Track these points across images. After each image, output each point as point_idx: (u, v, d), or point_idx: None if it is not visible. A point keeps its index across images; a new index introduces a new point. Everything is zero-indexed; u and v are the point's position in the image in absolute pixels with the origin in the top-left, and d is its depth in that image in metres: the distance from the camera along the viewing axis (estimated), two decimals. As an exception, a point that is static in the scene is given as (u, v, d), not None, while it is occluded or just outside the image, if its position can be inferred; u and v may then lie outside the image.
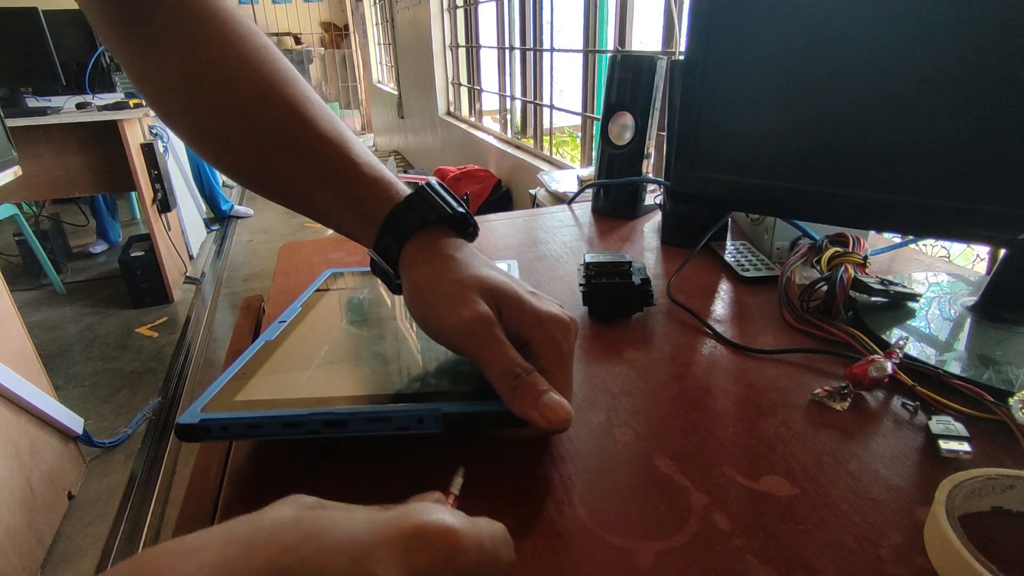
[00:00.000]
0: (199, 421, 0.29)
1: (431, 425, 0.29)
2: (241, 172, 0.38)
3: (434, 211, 0.34)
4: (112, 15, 0.36)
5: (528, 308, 0.31)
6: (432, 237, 0.34)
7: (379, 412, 0.29)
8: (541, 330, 0.30)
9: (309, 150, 0.35)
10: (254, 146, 0.36)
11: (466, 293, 0.30)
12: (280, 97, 0.36)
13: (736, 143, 0.46)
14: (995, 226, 0.36)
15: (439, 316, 0.31)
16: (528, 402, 0.27)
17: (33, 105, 2.45)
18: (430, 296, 0.31)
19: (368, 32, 6.53)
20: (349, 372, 0.34)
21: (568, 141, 3.58)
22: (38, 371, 1.50)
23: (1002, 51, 0.34)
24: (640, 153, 0.70)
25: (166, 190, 2.54)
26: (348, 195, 0.35)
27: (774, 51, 0.42)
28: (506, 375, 0.28)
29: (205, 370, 2.15)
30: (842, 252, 0.47)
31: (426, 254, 0.33)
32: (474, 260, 0.33)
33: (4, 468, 1.22)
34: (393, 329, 0.40)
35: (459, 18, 3.66)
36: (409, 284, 0.33)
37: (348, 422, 0.29)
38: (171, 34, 0.35)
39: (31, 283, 2.88)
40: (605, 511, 0.28)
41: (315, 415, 0.29)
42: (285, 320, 0.40)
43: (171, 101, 0.37)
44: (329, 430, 0.29)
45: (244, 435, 0.30)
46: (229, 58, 0.36)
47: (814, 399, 0.36)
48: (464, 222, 0.35)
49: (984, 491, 0.26)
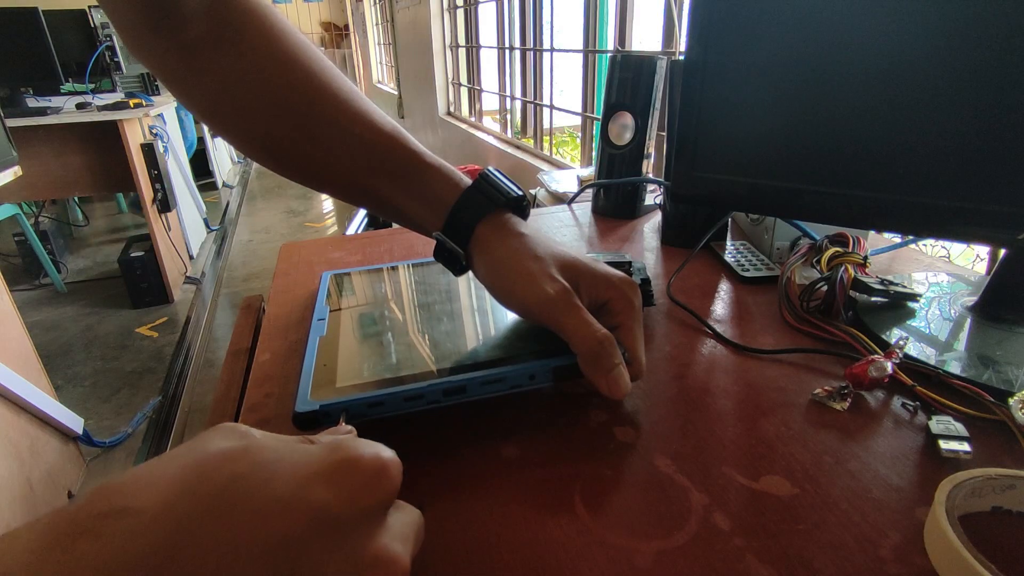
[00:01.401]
0: (319, 407, 0.30)
1: (542, 379, 0.33)
2: (295, 169, 0.39)
3: (501, 194, 0.37)
4: (150, 25, 0.35)
5: (600, 274, 0.35)
6: (501, 218, 0.37)
7: (494, 375, 0.32)
8: (615, 291, 0.35)
9: (370, 143, 0.37)
10: (309, 142, 0.37)
11: (546, 269, 0.34)
12: (332, 93, 0.37)
13: (736, 143, 0.46)
14: (995, 226, 0.36)
15: (523, 291, 0.34)
16: (600, 373, 0.32)
17: (33, 105, 2.46)
18: (513, 274, 0.34)
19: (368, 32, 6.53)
20: (424, 349, 0.36)
21: (568, 141, 3.58)
22: (38, 371, 1.50)
23: (1002, 51, 0.34)
24: (640, 153, 0.70)
25: (166, 190, 2.54)
26: (412, 184, 0.38)
27: (774, 51, 0.42)
28: (587, 341, 0.32)
29: (205, 370, 2.15)
30: (842, 252, 0.47)
31: (499, 233, 0.36)
32: (542, 238, 0.37)
33: (4, 468, 1.22)
34: (440, 309, 0.41)
35: (459, 18, 3.66)
36: (488, 262, 0.36)
37: (467, 387, 0.31)
38: (213, 37, 0.36)
39: (31, 283, 2.88)
40: (605, 510, 0.28)
41: (434, 385, 0.31)
42: (323, 318, 0.41)
43: (220, 104, 0.37)
44: (448, 398, 0.31)
45: (364, 415, 0.31)
46: (276, 55, 0.37)
47: (814, 399, 0.36)
48: (522, 203, 0.38)
49: (984, 491, 0.26)
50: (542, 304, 0.33)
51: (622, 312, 0.34)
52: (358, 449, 0.20)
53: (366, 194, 0.39)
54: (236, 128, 0.38)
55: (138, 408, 1.88)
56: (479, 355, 0.35)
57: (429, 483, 0.30)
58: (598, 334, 0.32)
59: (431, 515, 0.28)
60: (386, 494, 0.20)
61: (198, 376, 2.11)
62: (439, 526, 0.27)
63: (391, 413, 0.31)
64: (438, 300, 0.43)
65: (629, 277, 0.36)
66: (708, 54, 0.45)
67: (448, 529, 0.27)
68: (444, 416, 0.35)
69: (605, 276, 0.35)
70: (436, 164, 0.38)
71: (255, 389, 0.39)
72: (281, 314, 0.49)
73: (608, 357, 0.32)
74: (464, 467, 0.31)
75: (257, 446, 0.19)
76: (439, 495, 0.29)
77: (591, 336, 0.32)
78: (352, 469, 0.19)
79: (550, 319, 0.33)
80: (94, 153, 2.45)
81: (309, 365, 0.35)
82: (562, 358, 0.33)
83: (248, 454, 0.19)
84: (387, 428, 0.34)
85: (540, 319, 0.34)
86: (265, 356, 0.43)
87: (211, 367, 2.16)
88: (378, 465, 0.20)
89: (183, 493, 0.17)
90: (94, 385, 2.04)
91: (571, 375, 0.33)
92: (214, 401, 0.44)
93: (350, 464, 0.20)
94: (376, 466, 0.20)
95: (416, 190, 0.38)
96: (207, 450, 0.19)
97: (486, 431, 0.34)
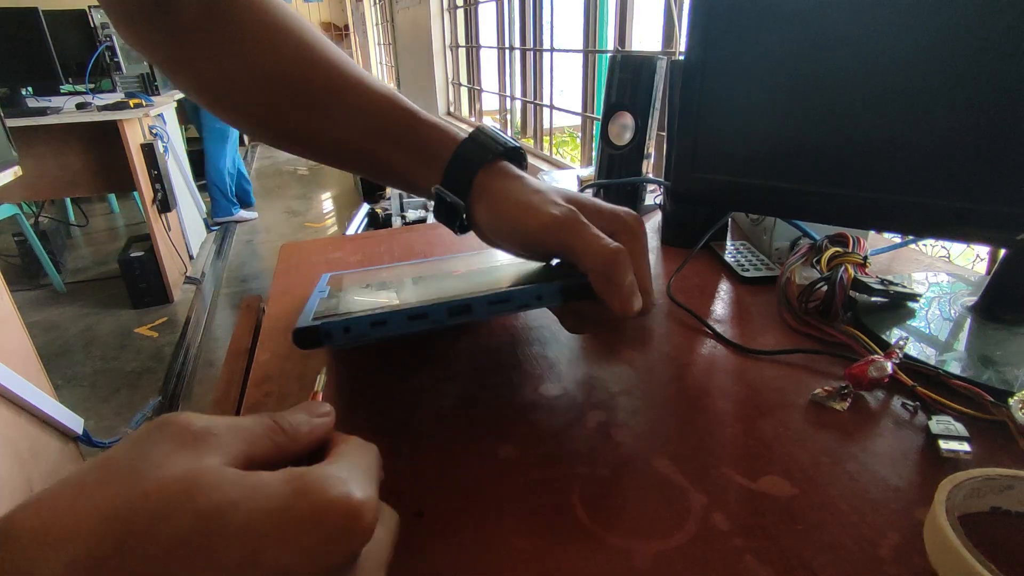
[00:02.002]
0: (320, 324, 0.28)
1: (550, 299, 0.31)
2: (292, 138, 0.40)
3: (498, 143, 0.37)
4: (144, 13, 0.36)
5: (605, 208, 0.34)
6: (499, 167, 0.36)
7: (501, 294, 0.30)
8: (620, 222, 0.34)
9: (365, 106, 0.37)
10: (304, 109, 0.37)
11: (549, 197, 0.34)
12: (324, 58, 0.37)
13: (736, 143, 0.46)
14: (995, 226, 0.36)
15: (527, 219, 0.33)
16: (614, 287, 0.30)
17: (33, 105, 2.45)
18: (515, 208, 0.34)
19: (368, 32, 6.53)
20: (433, 289, 0.35)
21: (568, 141, 3.58)
22: (38, 371, 1.50)
23: (1002, 51, 0.34)
24: (640, 153, 0.70)
25: (166, 190, 2.54)
26: (409, 142, 0.37)
27: (774, 51, 0.42)
28: (600, 254, 0.30)
29: (205, 370, 2.15)
30: (842, 252, 0.47)
31: (499, 179, 0.36)
32: (540, 182, 0.36)
33: (4, 468, 1.22)
34: (440, 278, 0.41)
35: (459, 18, 3.66)
36: (488, 205, 0.35)
37: (472, 306, 0.29)
38: (204, 17, 0.36)
39: (31, 283, 2.88)
40: (604, 511, 0.28)
41: (439, 304, 0.29)
42: (323, 290, 0.41)
43: (214, 82, 0.38)
44: (453, 318, 0.29)
45: (366, 335, 0.29)
46: (266, 27, 0.37)
47: (814, 399, 0.36)
48: (519, 153, 0.38)
49: (984, 491, 0.26)
50: (548, 227, 0.32)
51: (628, 243, 0.33)
52: (327, 491, 0.17)
53: (363, 158, 0.39)
54: (231, 103, 0.39)
55: (138, 408, 1.88)
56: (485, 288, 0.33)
57: (427, 485, 0.30)
58: (610, 246, 0.31)
59: (429, 517, 0.28)
60: (357, 546, 0.17)
61: (198, 376, 2.11)
62: (437, 528, 0.27)
63: (395, 333, 0.29)
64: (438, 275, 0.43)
65: (633, 211, 0.35)
66: (708, 54, 0.45)
67: (446, 531, 0.27)
68: (444, 416, 0.35)
69: (611, 210, 0.34)
70: (431, 121, 0.38)
71: (255, 389, 0.39)
72: (281, 314, 0.49)
73: (621, 269, 0.30)
74: (462, 468, 0.31)
75: (208, 482, 0.16)
76: (437, 497, 0.29)
77: (603, 248, 0.30)
78: (318, 521, 0.16)
79: (558, 242, 0.32)
80: (94, 153, 2.45)
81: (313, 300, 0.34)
82: (570, 279, 0.31)
83: (193, 501, 0.16)
84: (387, 428, 0.34)
85: (547, 246, 0.33)
86: (265, 356, 0.43)
87: (211, 367, 2.16)
88: (349, 513, 0.17)
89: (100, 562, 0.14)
90: (94, 385, 2.05)
91: (579, 295, 0.31)
92: (214, 401, 0.44)
93: (316, 515, 0.16)
94: (346, 514, 0.17)
95: (413, 147, 0.37)
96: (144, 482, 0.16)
97: (485, 431, 0.34)
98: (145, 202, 2.49)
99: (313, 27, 0.39)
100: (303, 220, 3.95)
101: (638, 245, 0.33)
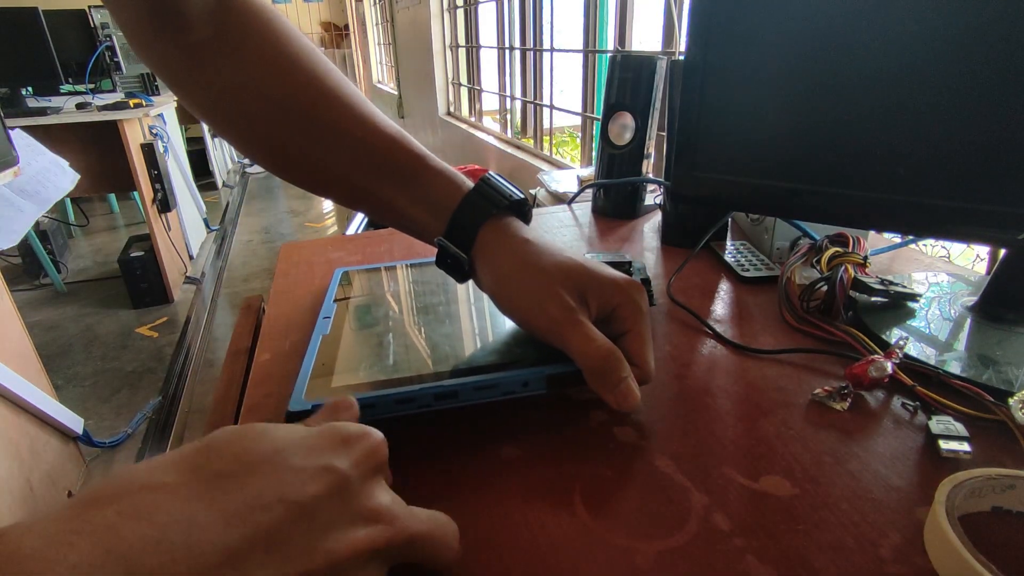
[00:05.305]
0: (312, 407, 0.30)
1: (536, 387, 0.32)
2: (296, 172, 0.39)
3: (503, 196, 0.36)
4: (154, 26, 0.36)
5: (607, 280, 0.34)
6: (503, 222, 0.36)
7: (487, 380, 0.32)
8: (623, 295, 0.34)
9: (371, 146, 0.37)
10: (311, 145, 0.37)
11: (551, 285, 0.33)
12: (334, 96, 0.37)
13: (736, 143, 0.46)
14: (995, 226, 0.36)
15: (527, 309, 0.34)
16: (608, 388, 0.32)
17: (33, 105, 2.46)
18: (518, 289, 0.34)
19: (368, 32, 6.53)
20: (424, 352, 0.36)
21: (568, 141, 3.58)
22: (38, 371, 1.50)
23: (1003, 51, 0.34)
24: (640, 153, 0.70)
25: (166, 190, 2.54)
26: (414, 187, 0.37)
27: (774, 51, 0.42)
28: (592, 358, 0.31)
29: (205, 370, 2.14)
30: (842, 252, 0.47)
31: (503, 240, 0.36)
32: (546, 245, 0.36)
33: (4, 468, 1.22)
34: (443, 311, 0.41)
35: (459, 18, 3.66)
36: (492, 273, 0.35)
37: (458, 392, 0.31)
38: (217, 40, 0.36)
39: (31, 283, 2.88)
40: (605, 511, 0.28)
41: (426, 389, 0.31)
42: (329, 316, 0.41)
43: (221, 107, 0.37)
44: (439, 403, 0.31)
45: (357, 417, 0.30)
46: (279, 60, 0.37)
47: (814, 399, 0.36)
48: (524, 206, 0.38)
49: (984, 491, 0.26)
50: (546, 324, 0.33)
51: (630, 318, 0.34)
52: (349, 428, 0.23)
53: (368, 198, 0.39)
54: (237, 131, 0.38)
55: (138, 408, 1.88)
56: (476, 359, 0.35)
57: (429, 484, 0.30)
58: (602, 349, 0.31)
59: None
60: (380, 460, 0.23)
61: (198, 376, 2.11)
62: (439, 526, 0.27)
63: (383, 415, 0.31)
64: (442, 301, 0.43)
65: (635, 280, 0.35)
66: (708, 54, 0.45)
67: (448, 529, 0.27)
68: (444, 416, 0.35)
69: (612, 281, 0.34)
70: (438, 167, 0.38)
71: (255, 389, 0.39)
72: (281, 314, 0.49)
73: (614, 371, 0.31)
74: (464, 467, 0.31)
75: (261, 427, 0.22)
76: (439, 495, 0.29)
77: (596, 352, 0.31)
78: (350, 441, 0.23)
79: (555, 338, 0.33)
80: (94, 153, 2.45)
81: (308, 363, 0.35)
82: (558, 365, 0.33)
83: (254, 431, 0.21)
84: (386, 429, 0.34)
85: (544, 338, 0.34)
86: (265, 356, 0.43)
87: (211, 367, 2.16)
88: (369, 438, 0.23)
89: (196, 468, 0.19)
90: (94, 385, 2.04)
91: (566, 384, 0.33)
92: (214, 401, 0.44)
93: (347, 438, 0.23)
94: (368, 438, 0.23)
95: (418, 193, 0.37)
96: (213, 435, 0.21)
97: (486, 432, 0.34)
98: (145, 202, 2.49)
99: (325, 60, 0.39)
100: (303, 220, 3.95)
101: (639, 319, 0.34)
